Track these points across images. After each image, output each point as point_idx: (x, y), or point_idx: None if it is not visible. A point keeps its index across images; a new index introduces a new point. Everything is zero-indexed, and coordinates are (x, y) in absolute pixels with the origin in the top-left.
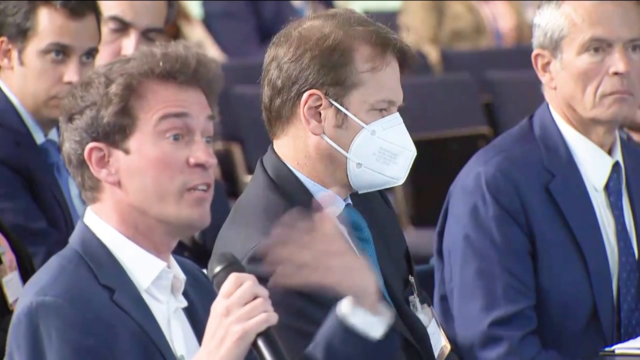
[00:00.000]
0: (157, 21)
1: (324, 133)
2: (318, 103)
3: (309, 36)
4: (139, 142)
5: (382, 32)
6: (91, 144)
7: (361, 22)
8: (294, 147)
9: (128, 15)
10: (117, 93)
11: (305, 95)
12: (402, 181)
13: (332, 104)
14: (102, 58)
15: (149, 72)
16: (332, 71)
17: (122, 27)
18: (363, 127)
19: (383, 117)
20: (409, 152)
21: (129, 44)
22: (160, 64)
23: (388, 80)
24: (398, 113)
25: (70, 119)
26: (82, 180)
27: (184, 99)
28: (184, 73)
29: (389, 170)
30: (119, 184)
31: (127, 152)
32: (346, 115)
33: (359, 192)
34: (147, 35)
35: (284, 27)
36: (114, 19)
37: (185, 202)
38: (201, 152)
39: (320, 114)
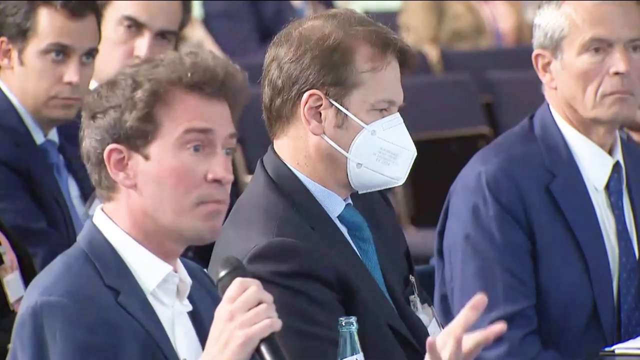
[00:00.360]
0: (171, 23)
1: (324, 133)
2: (318, 103)
3: (310, 36)
4: (160, 150)
5: (382, 32)
6: (112, 145)
7: (362, 22)
8: (294, 147)
9: (143, 16)
10: (143, 99)
11: (305, 95)
12: (402, 181)
13: (333, 104)
14: (115, 58)
15: (176, 80)
16: (333, 71)
17: (136, 27)
18: (363, 127)
19: (383, 117)
20: (409, 152)
21: (143, 45)
22: (189, 74)
23: (388, 80)
24: (398, 113)
25: (93, 117)
26: (98, 179)
27: (209, 112)
28: (211, 85)
29: (389, 171)
30: (135, 187)
31: (147, 158)
32: (346, 115)
33: (359, 193)
34: (160, 37)
35: (284, 27)
36: (129, 18)
37: (198, 214)
38: (220, 167)
39: (320, 114)
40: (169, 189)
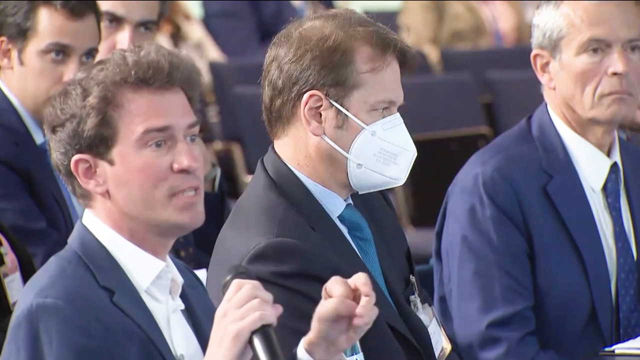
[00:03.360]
0: (150, 14)
1: (324, 134)
2: (318, 104)
3: (310, 37)
4: (122, 153)
5: (382, 32)
6: (77, 156)
7: (362, 23)
8: (294, 147)
9: (120, 9)
10: (94, 106)
11: (305, 96)
12: (402, 182)
13: (333, 105)
14: (99, 54)
15: (121, 82)
16: (333, 72)
17: (116, 21)
18: (363, 128)
19: (384, 117)
20: (409, 153)
21: (124, 38)
22: (132, 72)
23: (388, 80)
24: (398, 113)
25: (53, 131)
26: (73, 188)
27: (163, 106)
28: (157, 79)
29: (389, 171)
30: (107, 193)
31: (111, 162)
32: (346, 116)
33: (360, 193)
34: (141, 28)
35: (284, 27)
36: (107, 14)
37: (173, 207)
38: (184, 156)
39: (320, 114)
40: (138, 188)
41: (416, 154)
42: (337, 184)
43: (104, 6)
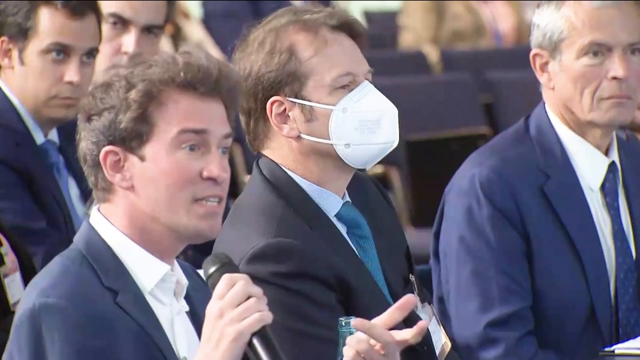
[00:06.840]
0: (156, 18)
1: (300, 133)
2: (282, 107)
3: (249, 51)
4: (155, 151)
5: (310, 17)
6: (107, 147)
7: (291, 17)
8: (280, 156)
9: (127, 12)
10: (136, 99)
11: (267, 105)
12: (396, 142)
13: (295, 102)
14: (103, 55)
15: (169, 80)
16: (280, 72)
17: (122, 23)
18: (332, 110)
19: (350, 91)
20: (389, 112)
21: (129, 41)
22: (182, 74)
23: (336, 55)
24: (367, 81)
25: (89, 119)
26: (95, 180)
27: (203, 112)
28: (205, 84)
29: (379, 137)
30: (132, 188)
31: (142, 158)
32: (311, 106)
33: (365, 168)
34: (147, 31)
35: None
36: (113, 15)
37: (195, 213)
38: (215, 165)
39: (288, 116)
40: (164, 188)
41: (397, 111)
42: (335, 173)
43: (110, 7)
